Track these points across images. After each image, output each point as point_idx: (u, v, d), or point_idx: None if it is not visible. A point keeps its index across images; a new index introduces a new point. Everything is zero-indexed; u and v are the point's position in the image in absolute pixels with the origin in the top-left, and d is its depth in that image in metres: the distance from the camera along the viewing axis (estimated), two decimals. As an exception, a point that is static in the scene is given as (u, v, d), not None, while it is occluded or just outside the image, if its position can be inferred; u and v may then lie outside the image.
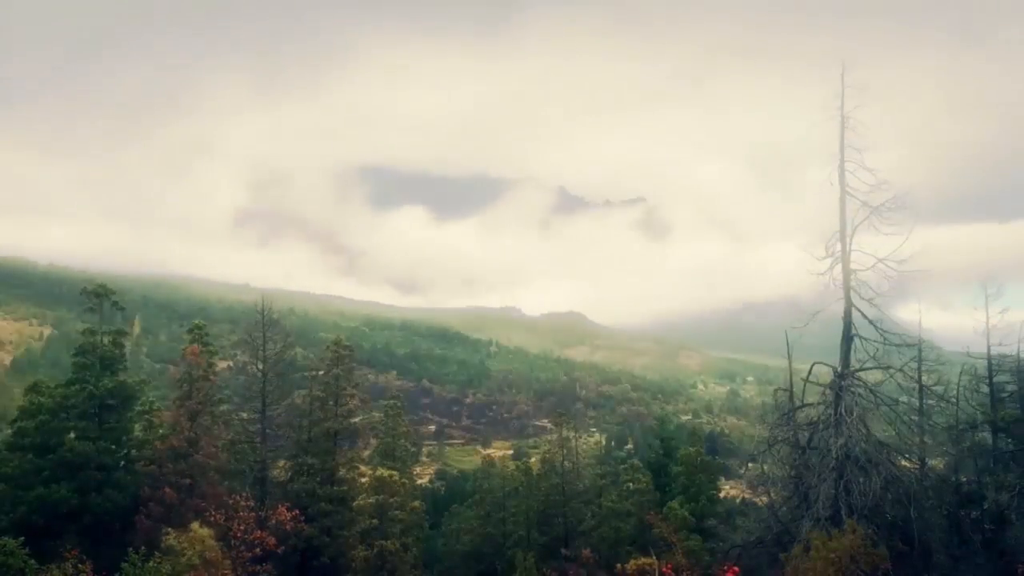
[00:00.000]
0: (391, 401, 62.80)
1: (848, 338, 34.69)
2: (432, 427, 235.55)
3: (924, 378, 36.90)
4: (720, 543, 39.33)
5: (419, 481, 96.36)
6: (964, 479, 37.97)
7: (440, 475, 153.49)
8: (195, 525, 34.36)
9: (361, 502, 47.60)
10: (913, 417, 36.64)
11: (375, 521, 46.19)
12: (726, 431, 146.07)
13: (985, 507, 36.96)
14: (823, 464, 33.99)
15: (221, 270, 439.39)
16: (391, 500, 47.45)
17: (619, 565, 33.10)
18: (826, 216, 35.49)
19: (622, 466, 62.59)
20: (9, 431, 43.48)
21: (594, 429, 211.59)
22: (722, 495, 58.51)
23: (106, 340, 43.37)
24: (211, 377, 44.45)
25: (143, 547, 34.30)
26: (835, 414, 33.87)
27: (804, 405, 36.07)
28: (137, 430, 44.78)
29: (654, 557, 32.41)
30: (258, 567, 36.54)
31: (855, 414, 33.32)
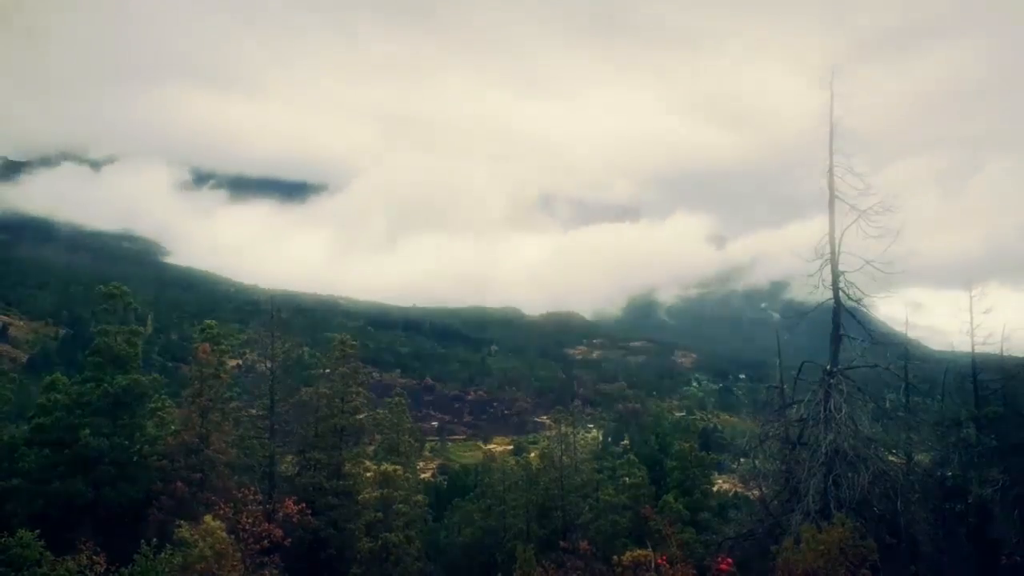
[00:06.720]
0: (395, 398, 63.82)
1: (837, 337, 35.42)
2: (435, 423, 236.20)
3: (910, 376, 37.93)
4: (713, 536, 39.96)
5: (422, 476, 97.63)
6: (949, 474, 38.79)
7: (442, 470, 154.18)
8: (207, 518, 35.10)
9: (366, 496, 48.63)
10: (900, 414, 37.55)
11: (380, 514, 47.22)
12: (719, 427, 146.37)
13: (969, 501, 37.86)
14: (813, 459, 34.58)
15: (230, 271, 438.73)
16: (395, 494, 48.53)
17: (616, 557, 33.65)
18: (816, 218, 36.63)
19: (619, 461, 63.67)
20: (27, 427, 44.59)
21: (591, 425, 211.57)
22: (715, 489, 58.88)
23: (120, 340, 44.20)
24: (221, 375, 45.15)
25: (155, 539, 35.28)
26: (824, 411, 34.50)
27: (794, 402, 36.72)
28: (150, 426, 45.63)
29: (650, 549, 33.04)
30: (266, 559, 37.24)
31: (844, 411, 33.92)
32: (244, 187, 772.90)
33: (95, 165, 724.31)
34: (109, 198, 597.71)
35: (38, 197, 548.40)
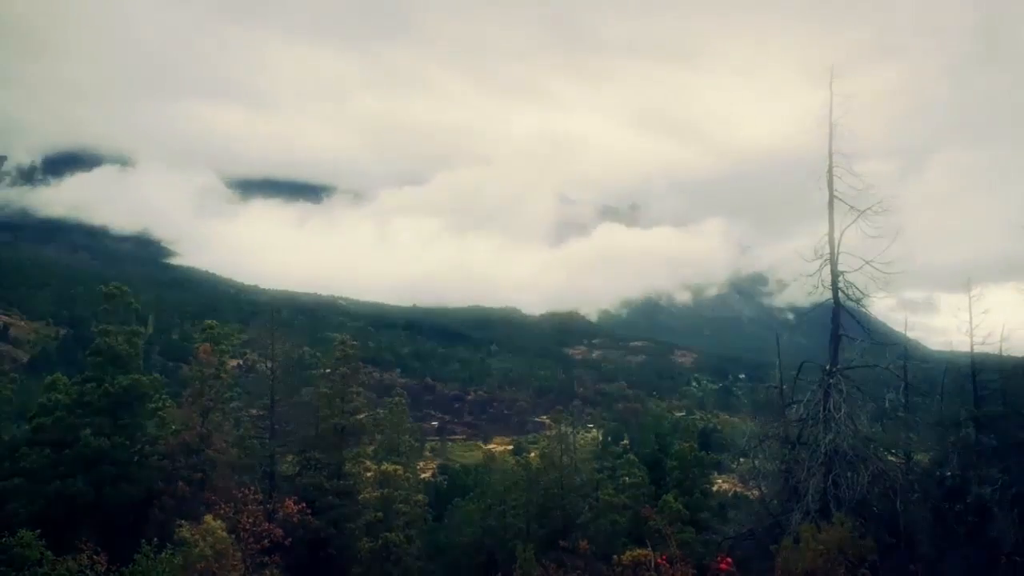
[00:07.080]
0: (395, 398, 64.04)
1: (836, 337, 35.39)
2: (435, 423, 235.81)
3: (909, 376, 37.95)
4: (713, 535, 39.97)
5: (422, 475, 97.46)
6: (948, 473, 38.55)
7: (443, 470, 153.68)
8: (207, 518, 35.16)
9: (367, 496, 48.74)
10: (899, 414, 37.62)
11: (380, 514, 47.25)
12: (719, 427, 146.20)
13: (969, 500, 37.75)
14: (812, 459, 34.56)
15: (232, 271, 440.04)
16: (395, 494, 48.61)
17: (616, 557, 33.77)
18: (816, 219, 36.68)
19: (618, 461, 63.66)
20: (27, 427, 44.66)
21: (591, 425, 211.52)
22: (715, 489, 58.95)
23: (120, 340, 44.30)
24: (222, 375, 45.33)
25: (156, 539, 35.37)
26: (823, 411, 34.50)
27: (794, 402, 36.74)
28: (150, 426, 45.70)
29: (649, 549, 33.11)
30: (266, 558, 37.30)
31: (843, 411, 33.92)
32: (250, 189, 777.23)
33: (114, 169, 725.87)
34: (126, 201, 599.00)
35: (54, 201, 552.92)
